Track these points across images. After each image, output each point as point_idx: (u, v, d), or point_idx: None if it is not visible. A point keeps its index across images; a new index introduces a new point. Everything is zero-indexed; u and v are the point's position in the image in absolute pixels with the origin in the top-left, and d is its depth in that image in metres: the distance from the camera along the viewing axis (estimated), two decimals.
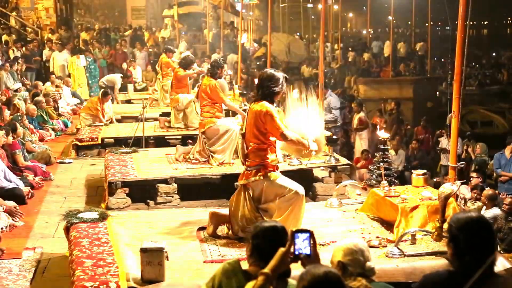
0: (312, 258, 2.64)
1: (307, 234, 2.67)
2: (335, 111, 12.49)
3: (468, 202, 7.69)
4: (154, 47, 21.97)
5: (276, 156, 5.35)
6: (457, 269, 2.56)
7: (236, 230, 5.28)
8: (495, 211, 7.23)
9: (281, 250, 2.66)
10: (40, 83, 14.64)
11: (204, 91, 7.99)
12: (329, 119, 11.63)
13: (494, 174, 10.45)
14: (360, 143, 12.68)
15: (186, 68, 10.64)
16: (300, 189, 5.23)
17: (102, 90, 13.13)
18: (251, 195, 5.25)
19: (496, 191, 8.19)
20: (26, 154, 9.06)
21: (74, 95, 15.65)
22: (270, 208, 5.20)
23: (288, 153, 8.01)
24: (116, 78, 15.68)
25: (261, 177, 5.17)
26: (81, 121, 11.64)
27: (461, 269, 2.53)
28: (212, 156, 7.82)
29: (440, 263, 4.62)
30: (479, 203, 7.58)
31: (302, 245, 2.65)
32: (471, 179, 8.49)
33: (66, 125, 12.80)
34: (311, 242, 2.66)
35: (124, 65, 17.99)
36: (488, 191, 7.57)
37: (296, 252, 2.65)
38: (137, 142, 9.31)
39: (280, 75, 5.30)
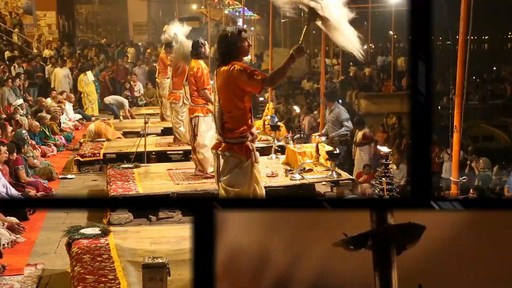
0: None
1: None
2: (347, 122, 11.65)
3: None
4: (155, 63, 21.96)
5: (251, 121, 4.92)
6: None
7: None
8: None
9: None
10: (47, 99, 14.67)
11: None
12: (343, 132, 11.16)
13: (497, 189, 10.42)
14: (362, 157, 12.63)
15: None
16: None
17: None
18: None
19: None
20: (28, 169, 9.06)
21: (79, 112, 15.67)
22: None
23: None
24: (123, 100, 15.81)
25: (241, 158, 4.79)
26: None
27: None
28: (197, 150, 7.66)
29: None
30: None
31: None
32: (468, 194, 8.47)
33: (68, 140, 12.78)
34: None
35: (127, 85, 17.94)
36: None
37: None
38: (139, 157, 9.31)
39: (232, 29, 5.05)
